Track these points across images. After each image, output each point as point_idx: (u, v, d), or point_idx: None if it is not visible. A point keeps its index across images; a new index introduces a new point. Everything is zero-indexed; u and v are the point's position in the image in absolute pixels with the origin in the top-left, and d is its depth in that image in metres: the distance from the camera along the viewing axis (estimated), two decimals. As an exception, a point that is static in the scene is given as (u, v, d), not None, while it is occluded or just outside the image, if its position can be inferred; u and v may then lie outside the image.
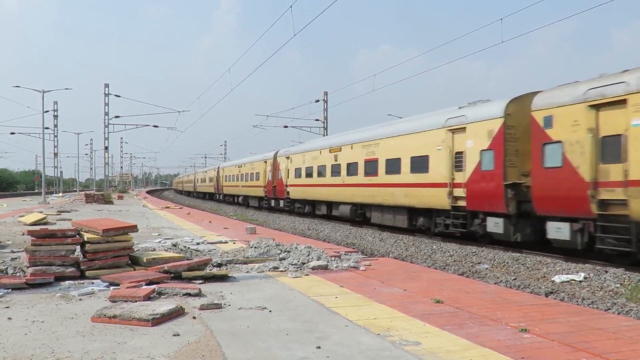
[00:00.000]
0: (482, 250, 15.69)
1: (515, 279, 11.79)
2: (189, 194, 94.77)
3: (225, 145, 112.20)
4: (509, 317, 5.70)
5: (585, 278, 11.45)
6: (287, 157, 34.11)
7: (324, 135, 45.75)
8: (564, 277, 11.54)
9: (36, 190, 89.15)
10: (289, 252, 10.20)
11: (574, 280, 11.39)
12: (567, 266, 12.73)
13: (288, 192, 33.56)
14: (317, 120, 47.77)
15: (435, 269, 12.47)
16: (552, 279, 11.64)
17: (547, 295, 10.06)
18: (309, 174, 29.98)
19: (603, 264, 12.94)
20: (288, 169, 33.71)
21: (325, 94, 47.06)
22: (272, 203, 37.91)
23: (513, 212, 15.27)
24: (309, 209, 31.15)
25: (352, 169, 24.49)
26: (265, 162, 39.72)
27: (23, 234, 13.49)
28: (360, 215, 24.44)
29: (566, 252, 14.63)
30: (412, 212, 20.14)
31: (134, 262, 8.37)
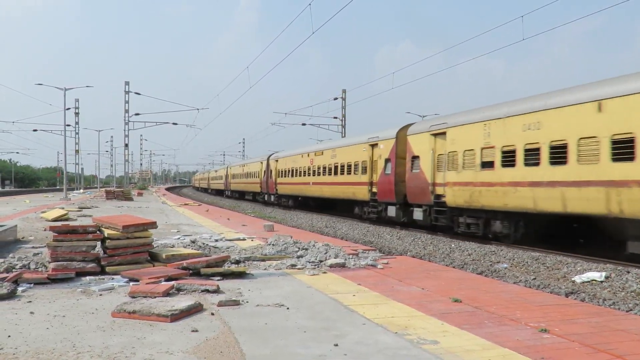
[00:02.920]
0: (501, 249, 15.56)
1: (534, 278, 11.66)
2: (219, 193, 77.50)
3: (244, 143, 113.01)
4: (528, 317, 5.64)
5: (606, 278, 11.29)
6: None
7: (342, 135, 45.50)
8: (585, 277, 11.39)
9: (58, 187, 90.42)
10: (306, 249, 10.20)
11: (595, 280, 11.23)
12: (588, 266, 12.56)
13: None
14: (335, 118, 47.80)
15: (454, 267, 12.38)
16: (573, 279, 11.50)
17: (567, 295, 9.93)
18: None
19: (625, 264, 12.74)
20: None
21: (344, 91, 47.04)
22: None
23: None
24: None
25: None
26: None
27: (45, 230, 13.70)
28: None
29: (586, 252, 14.43)
30: None
31: (153, 258, 8.45)
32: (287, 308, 5.89)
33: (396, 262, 9.61)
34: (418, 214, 20.89)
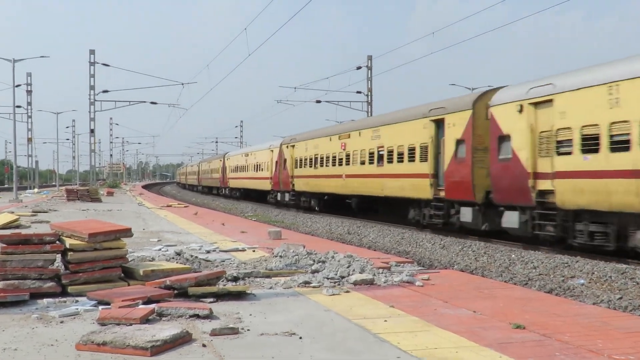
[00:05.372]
0: (576, 260, 15.45)
1: (621, 298, 11.57)
2: (212, 191, 77.02)
3: (242, 127, 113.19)
4: (613, 348, 5.59)
5: None
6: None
7: (368, 114, 45.43)
8: (687, 296, 11.25)
9: (6, 185, 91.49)
10: (323, 262, 10.24)
11: (701, 299, 11.09)
12: (691, 281, 12.42)
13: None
14: (358, 92, 47.85)
15: (515, 284, 12.34)
16: (671, 298, 11.38)
17: (664, 319, 9.83)
18: None
19: None
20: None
21: (369, 59, 47.02)
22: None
23: None
24: None
25: None
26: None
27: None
28: None
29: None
30: None
31: (128, 275, 8.51)
32: (300, 337, 5.90)
33: (440, 278, 9.60)
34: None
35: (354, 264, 9.78)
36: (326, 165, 34.28)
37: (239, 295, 7.85)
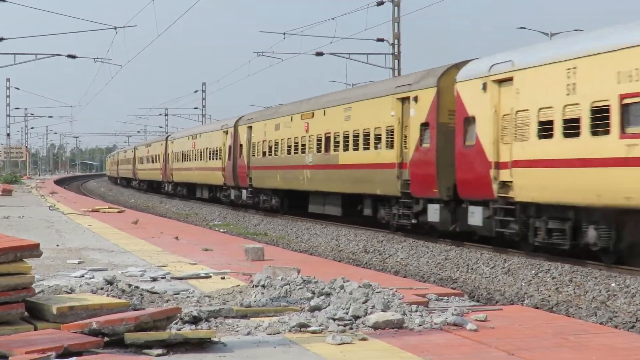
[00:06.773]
0: None
1: None
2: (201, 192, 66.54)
3: (204, 91, 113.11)
4: None
5: None
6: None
7: (396, 73, 45.51)
8: None
9: None
10: (328, 295, 10.24)
11: None
12: None
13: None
14: (380, 40, 47.70)
15: (616, 327, 12.35)
16: None
17: None
18: None
19: None
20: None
21: (396, -12, 46.90)
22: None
23: None
24: None
25: None
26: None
27: None
28: None
29: None
30: None
31: (35, 313, 8.52)
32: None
33: (503, 318, 9.62)
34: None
35: (374, 298, 9.77)
36: (189, 160, 66.12)
37: (201, 345, 7.83)
